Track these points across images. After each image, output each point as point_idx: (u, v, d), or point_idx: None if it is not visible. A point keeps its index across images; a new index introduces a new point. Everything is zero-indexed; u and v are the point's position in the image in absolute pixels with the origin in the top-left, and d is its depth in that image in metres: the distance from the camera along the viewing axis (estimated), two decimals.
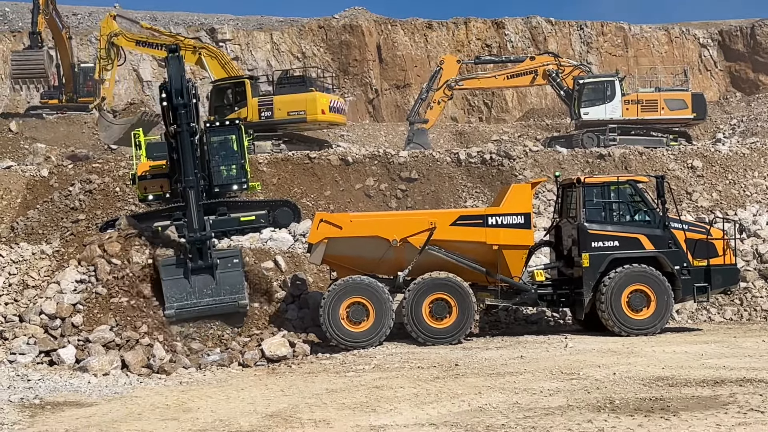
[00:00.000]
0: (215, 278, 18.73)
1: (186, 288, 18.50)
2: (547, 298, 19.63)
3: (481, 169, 30.95)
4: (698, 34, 65.88)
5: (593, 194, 19.60)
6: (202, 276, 18.67)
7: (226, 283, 18.80)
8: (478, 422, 11.30)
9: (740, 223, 23.95)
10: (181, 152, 19.29)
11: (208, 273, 18.73)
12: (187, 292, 18.49)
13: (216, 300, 18.61)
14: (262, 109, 33.66)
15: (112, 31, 34.10)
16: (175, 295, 18.39)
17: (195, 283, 18.54)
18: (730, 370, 14.26)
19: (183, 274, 18.60)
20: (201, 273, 18.69)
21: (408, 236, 18.61)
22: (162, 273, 18.62)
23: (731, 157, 32.46)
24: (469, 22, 61.46)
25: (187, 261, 18.67)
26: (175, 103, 19.12)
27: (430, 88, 40.47)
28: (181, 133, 19.20)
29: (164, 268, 18.67)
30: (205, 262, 18.72)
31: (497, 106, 58.97)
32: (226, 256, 19.25)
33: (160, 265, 18.80)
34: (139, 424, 12.08)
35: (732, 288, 20.44)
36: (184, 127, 19.14)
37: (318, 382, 14.85)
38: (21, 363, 16.54)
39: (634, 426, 10.75)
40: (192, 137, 19.35)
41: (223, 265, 18.90)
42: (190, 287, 18.51)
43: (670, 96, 39.18)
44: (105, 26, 34.80)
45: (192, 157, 19.30)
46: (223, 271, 18.84)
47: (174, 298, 18.36)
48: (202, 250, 18.79)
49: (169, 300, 18.32)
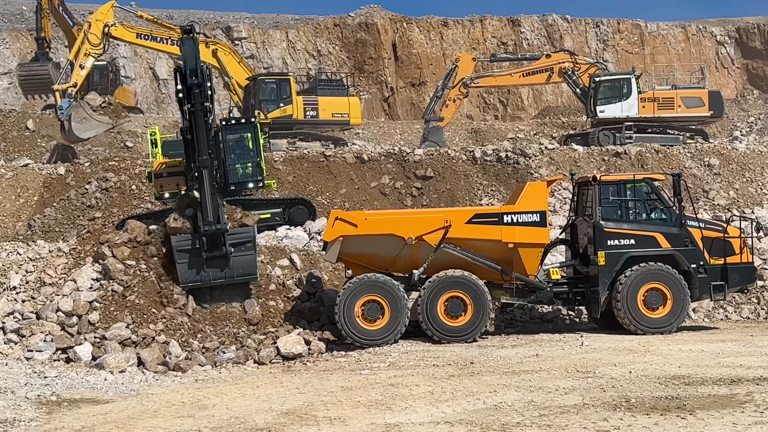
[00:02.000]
0: (229, 264, 19.06)
1: (200, 272, 18.92)
2: (562, 296, 19.59)
3: (496, 167, 30.94)
4: (715, 31, 65.60)
5: (609, 192, 19.55)
6: (217, 262, 19.01)
7: (239, 266, 19.14)
8: (493, 420, 11.29)
9: (757, 221, 23.87)
10: (195, 132, 19.07)
11: (223, 260, 19.01)
12: (202, 275, 18.92)
13: (228, 280, 19.12)
14: (308, 108, 34.72)
15: (109, 21, 32.86)
16: (189, 277, 18.85)
17: (209, 268, 18.96)
18: (746, 368, 14.21)
19: (197, 257, 18.93)
20: (215, 260, 18.98)
21: (423, 234, 18.60)
22: (176, 256, 18.90)
23: (748, 155, 32.35)
24: (485, 19, 61.38)
25: (202, 250, 18.90)
26: (189, 82, 19.02)
27: (446, 86, 40.47)
28: (195, 113, 18.98)
29: (179, 252, 18.93)
30: (219, 251, 18.94)
31: (513, 104, 58.89)
32: (239, 241, 19.28)
33: (174, 248, 18.99)
34: (154, 421, 12.11)
35: (749, 286, 20.35)
36: (198, 106, 18.93)
37: (333, 379, 14.86)
38: (38, 360, 16.61)
39: (650, 425, 10.73)
40: (206, 117, 19.13)
41: (237, 250, 19.14)
42: (205, 272, 18.92)
43: (687, 94, 39.05)
44: (103, 14, 33.19)
45: (206, 138, 19.16)
46: (236, 255, 19.12)
47: (188, 280, 18.84)
48: (216, 240, 18.95)
49: (183, 281, 18.80)
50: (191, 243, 18.99)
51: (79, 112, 33.38)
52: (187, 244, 19.01)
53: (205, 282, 19.02)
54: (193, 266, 18.92)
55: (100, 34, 32.41)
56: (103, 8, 33.03)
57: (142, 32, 33.61)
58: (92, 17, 32.82)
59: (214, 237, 18.93)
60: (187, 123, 19.58)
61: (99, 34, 32.39)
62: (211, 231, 18.86)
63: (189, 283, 18.87)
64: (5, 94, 49.23)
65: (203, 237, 18.92)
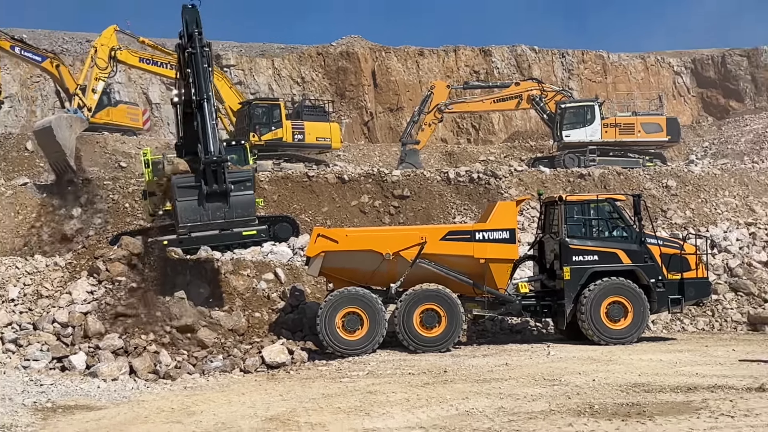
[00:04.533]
0: (228, 203, 18.12)
1: (199, 211, 17.96)
2: (530, 308, 19.63)
3: (469, 188, 31.00)
4: (672, 62, 66.17)
5: (574, 211, 19.64)
6: (216, 200, 18.03)
7: (238, 206, 18.32)
8: (465, 425, 11.27)
9: (711, 239, 24.00)
10: (195, 70, 18.42)
11: (222, 199, 18.07)
12: (201, 214, 17.99)
13: (227, 221, 18.37)
14: (296, 132, 35.39)
15: (114, 45, 32.37)
16: (188, 216, 17.98)
17: (209, 207, 17.97)
18: (702, 377, 14.26)
19: (197, 196, 17.95)
20: (215, 198, 18.00)
21: (400, 250, 18.61)
22: (177, 194, 18.04)
23: (703, 177, 32.59)
24: (458, 49, 61.62)
25: (202, 185, 17.90)
26: (190, 30, 18.65)
27: (422, 111, 40.67)
28: (195, 55, 18.50)
29: (179, 189, 18.08)
30: (219, 187, 17.97)
31: (484, 129, 59.05)
32: (239, 180, 18.51)
33: (174, 185, 18.15)
34: (145, 427, 12.02)
35: (704, 300, 20.43)
36: (198, 49, 18.52)
37: (315, 387, 14.80)
38: (34, 368, 16.44)
39: (611, 430, 10.73)
40: (205, 63, 18.61)
41: (236, 189, 18.23)
42: (204, 210, 17.96)
43: (646, 120, 39.44)
44: (106, 38, 32.52)
45: (206, 76, 18.47)
46: (235, 195, 18.23)
47: (188, 219, 17.98)
48: (217, 173, 17.99)
49: (182, 220, 17.94)
50: (192, 181, 18.00)
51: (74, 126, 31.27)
52: (188, 181, 18.08)
53: (204, 223, 18.08)
54: (193, 206, 17.89)
55: (107, 58, 32.00)
56: (106, 33, 32.47)
57: (144, 57, 33.41)
58: (97, 42, 32.36)
59: (215, 169, 17.86)
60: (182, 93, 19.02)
61: (106, 59, 31.98)
62: (212, 160, 17.80)
63: (189, 223, 18.03)
64: (6, 117, 48.95)
65: (204, 169, 17.84)
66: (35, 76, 48.50)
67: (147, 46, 34.17)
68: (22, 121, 48.78)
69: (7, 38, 34.88)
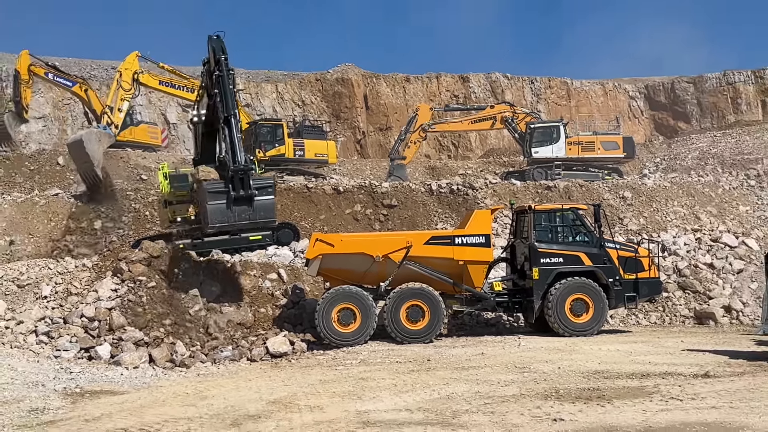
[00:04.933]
0: (252, 207, 18.24)
1: (227, 213, 18.06)
2: (503, 304, 19.66)
3: (449, 198, 30.98)
4: (628, 88, 66.34)
5: (542, 219, 19.68)
6: (242, 204, 18.14)
7: (261, 210, 18.39)
8: (446, 408, 11.27)
9: (662, 243, 24.07)
10: (223, 90, 18.54)
11: (247, 203, 18.17)
12: (228, 216, 18.10)
13: (251, 223, 18.44)
14: (296, 148, 35.69)
15: (137, 69, 32.22)
16: (217, 218, 18.08)
17: (235, 210, 18.09)
18: (654, 365, 14.31)
19: (225, 200, 18.06)
20: (241, 202, 18.10)
21: (389, 253, 18.62)
22: (207, 198, 18.10)
23: (655, 189, 32.65)
24: (440, 76, 61.65)
25: (229, 190, 18.01)
26: (218, 56, 18.72)
27: (408, 130, 40.67)
28: (222, 77, 18.62)
29: (209, 194, 18.16)
30: (245, 192, 18.08)
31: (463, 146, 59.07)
32: (262, 186, 18.61)
33: (205, 190, 18.23)
34: (163, 410, 11.98)
35: (656, 297, 20.50)
36: (225, 72, 18.64)
37: (313, 374, 14.78)
38: (64, 358, 16.39)
39: (575, 411, 10.75)
40: (232, 84, 18.76)
41: (260, 194, 18.36)
42: (231, 213, 18.07)
43: (605, 138, 39.52)
44: (130, 63, 32.36)
45: (232, 95, 18.57)
46: (259, 200, 18.34)
47: (216, 220, 18.07)
48: (243, 180, 18.12)
49: (211, 221, 18.03)
50: (221, 186, 18.11)
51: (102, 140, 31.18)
52: (217, 187, 18.19)
53: (231, 224, 18.19)
54: (222, 208, 17.99)
55: (131, 80, 32.03)
56: (129, 58, 32.45)
57: (163, 80, 33.26)
58: (122, 67, 32.31)
59: (242, 177, 17.99)
60: (201, 113, 19.25)
61: (130, 81, 32.01)
62: (240, 168, 17.95)
63: (217, 224, 18.12)
64: (40, 135, 48.76)
65: (232, 176, 17.96)
66: (66, 98, 48.25)
67: (166, 70, 34.08)
68: (54, 139, 48.52)
69: (42, 65, 34.81)
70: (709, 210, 32.03)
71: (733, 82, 62.70)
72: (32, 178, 36.93)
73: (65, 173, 37.13)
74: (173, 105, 52.21)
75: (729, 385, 12.26)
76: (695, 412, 10.52)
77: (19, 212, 29.16)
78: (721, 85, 62.91)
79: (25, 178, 37.03)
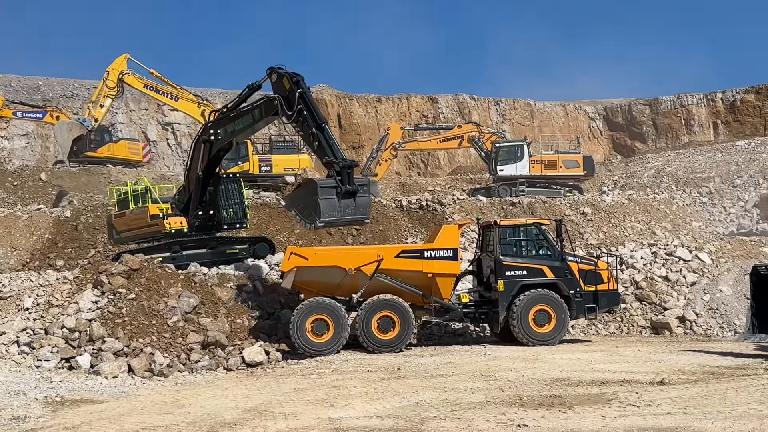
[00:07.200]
0: (355, 201, 18.48)
1: (336, 207, 18.31)
2: (470, 315, 19.68)
3: (419, 213, 31.06)
4: (588, 109, 67.12)
5: (507, 233, 19.78)
6: (347, 199, 18.38)
7: (360, 206, 18.62)
8: (415, 414, 11.27)
9: (620, 257, 24.28)
10: (310, 105, 19.35)
11: (351, 197, 18.42)
12: (337, 210, 18.33)
13: (353, 218, 18.70)
14: (262, 164, 35.77)
15: (123, 70, 31.98)
16: (327, 211, 18.24)
17: (342, 204, 18.34)
18: (613, 373, 14.40)
19: (335, 195, 18.30)
20: (347, 196, 18.36)
21: (361, 266, 18.59)
22: (320, 193, 18.27)
23: (614, 205, 33.01)
24: (410, 97, 61.98)
25: (338, 185, 18.25)
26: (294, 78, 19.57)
27: (379, 148, 40.87)
28: (305, 93, 19.48)
29: (322, 189, 18.36)
30: (352, 186, 18.34)
31: (432, 164, 59.34)
32: (361, 183, 18.92)
33: (318, 186, 18.46)
34: (141, 418, 11.85)
35: (614, 308, 20.68)
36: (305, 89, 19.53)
37: (288, 382, 14.70)
38: (45, 368, 16.17)
39: (538, 417, 10.79)
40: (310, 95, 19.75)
41: (361, 191, 18.64)
42: (339, 207, 18.33)
43: (566, 157, 39.97)
44: (118, 64, 32.22)
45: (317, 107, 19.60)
46: (360, 196, 18.59)
47: (327, 214, 18.24)
48: (350, 175, 18.40)
49: (323, 215, 18.19)
50: (332, 182, 18.35)
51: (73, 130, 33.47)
52: (329, 183, 18.41)
53: (338, 218, 18.50)
54: (333, 203, 18.24)
55: (116, 80, 32.03)
56: (118, 59, 32.35)
57: (148, 84, 32.84)
58: (110, 67, 32.21)
59: (349, 172, 18.33)
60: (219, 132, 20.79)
61: (115, 80, 32.01)
62: (347, 163, 18.39)
63: (328, 218, 18.31)
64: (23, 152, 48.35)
65: (341, 171, 18.27)
66: None
67: (155, 76, 33.83)
68: (37, 156, 48.11)
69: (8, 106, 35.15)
70: (664, 225, 32.44)
71: (686, 105, 63.70)
72: (15, 194, 36.57)
73: (47, 189, 36.80)
74: (153, 123, 51.95)
75: (683, 392, 12.37)
76: (651, 417, 10.61)
77: (2, 226, 28.82)
78: (675, 108, 63.89)
79: (9, 193, 36.65)
